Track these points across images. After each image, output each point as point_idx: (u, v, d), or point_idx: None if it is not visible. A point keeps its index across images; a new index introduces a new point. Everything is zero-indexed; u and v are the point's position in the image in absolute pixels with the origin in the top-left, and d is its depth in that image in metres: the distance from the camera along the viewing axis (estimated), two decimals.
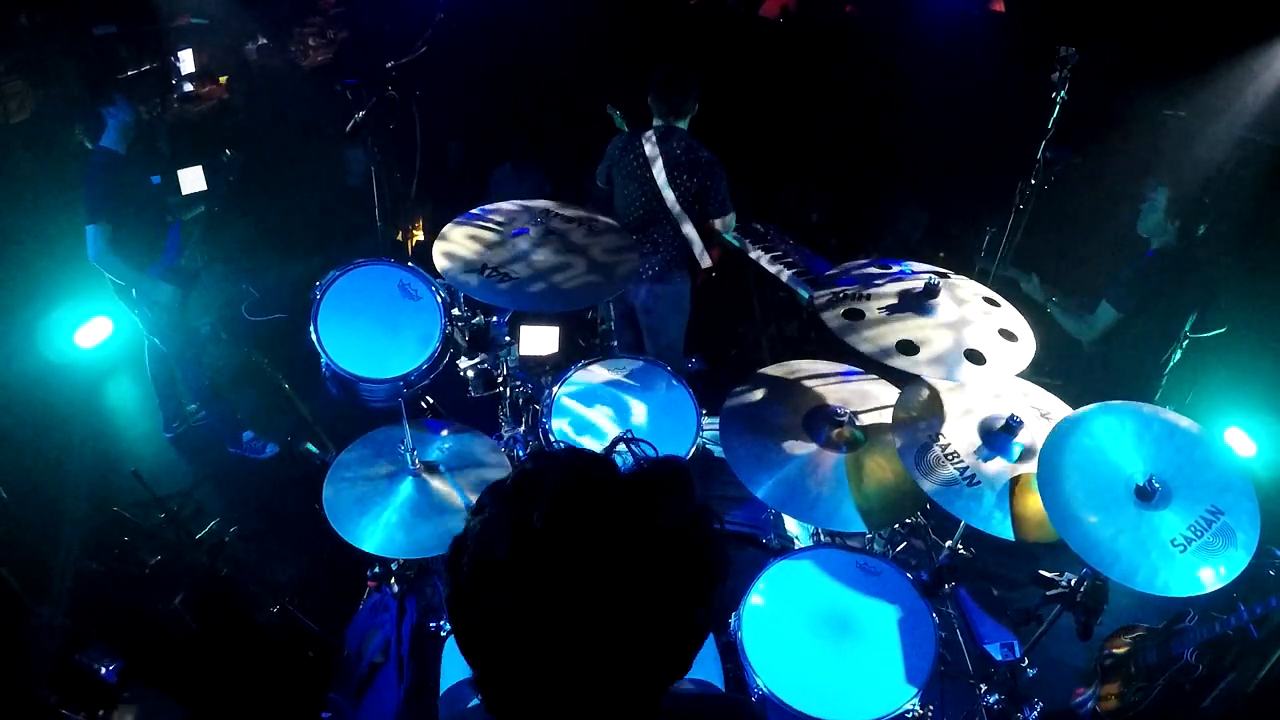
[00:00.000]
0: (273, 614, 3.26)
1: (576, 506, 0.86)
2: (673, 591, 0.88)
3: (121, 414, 4.72)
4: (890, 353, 2.41)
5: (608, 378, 3.19)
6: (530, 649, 0.85)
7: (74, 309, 4.38)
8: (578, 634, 0.84)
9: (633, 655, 0.87)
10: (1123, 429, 2.31)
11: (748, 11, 6.83)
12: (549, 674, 0.86)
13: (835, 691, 2.30)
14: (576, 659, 0.85)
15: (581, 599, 0.83)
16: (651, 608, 0.86)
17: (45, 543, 3.25)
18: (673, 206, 3.88)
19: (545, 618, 0.84)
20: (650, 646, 0.88)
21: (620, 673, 0.87)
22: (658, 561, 0.87)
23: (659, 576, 0.87)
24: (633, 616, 0.85)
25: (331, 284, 3.07)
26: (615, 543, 0.85)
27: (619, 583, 0.84)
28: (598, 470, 0.91)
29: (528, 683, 0.87)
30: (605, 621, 0.84)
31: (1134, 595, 2.19)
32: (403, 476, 2.78)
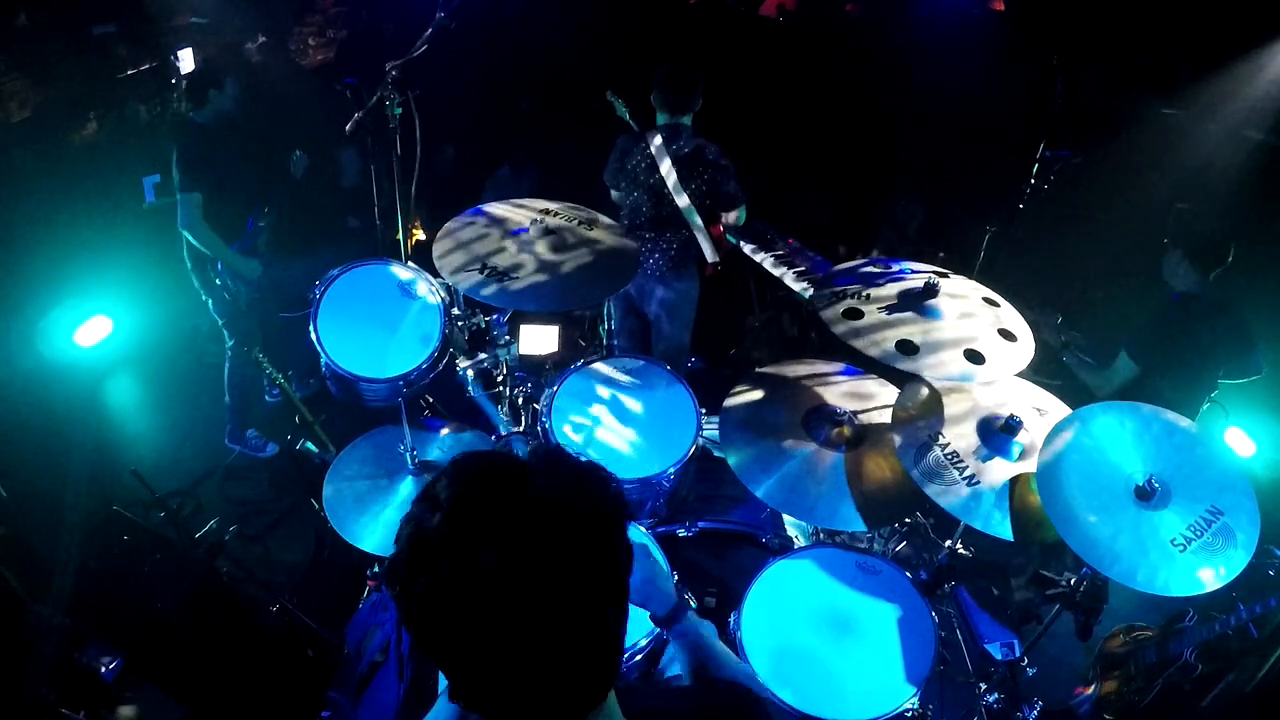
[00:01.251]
0: (272, 613, 3.26)
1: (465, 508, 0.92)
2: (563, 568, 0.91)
3: (121, 413, 4.72)
4: (890, 352, 2.41)
5: (607, 377, 3.19)
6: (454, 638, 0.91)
7: (74, 308, 4.38)
8: (493, 626, 0.89)
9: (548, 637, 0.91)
10: (1122, 429, 2.32)
11: (748, 11, 6.84)
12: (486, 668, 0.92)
13: (835, 691, 2.30)
14: (494, 652, 0.90)
15: (490, 592, 0.88)
16: (550, 587, 0.90)
17: (45, 541, 3.25)
18: (683, 205, 3.89)
19: (468, 616, 0.89)
20: (562, 624, 0.91)
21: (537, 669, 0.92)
22: (542, 533, 0.91)
23: (549, 551, 0.91)
24: (539, 598, 0.89)
25: (331, 284, 3.07)
26: (495, 528, 0.90)
27: (519, 568, 0.89)
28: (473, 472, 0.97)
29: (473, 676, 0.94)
30: (517, 609, 0.89)
31: (1133, 595, 2.19)
32: (402, 476, 2.78)
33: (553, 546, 0.90)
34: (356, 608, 3.14)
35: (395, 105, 3.43)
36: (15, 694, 2.72)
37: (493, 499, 0.92)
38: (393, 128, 3.48)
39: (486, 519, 0.91)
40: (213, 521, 3.84)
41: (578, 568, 0.92)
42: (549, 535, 0.91)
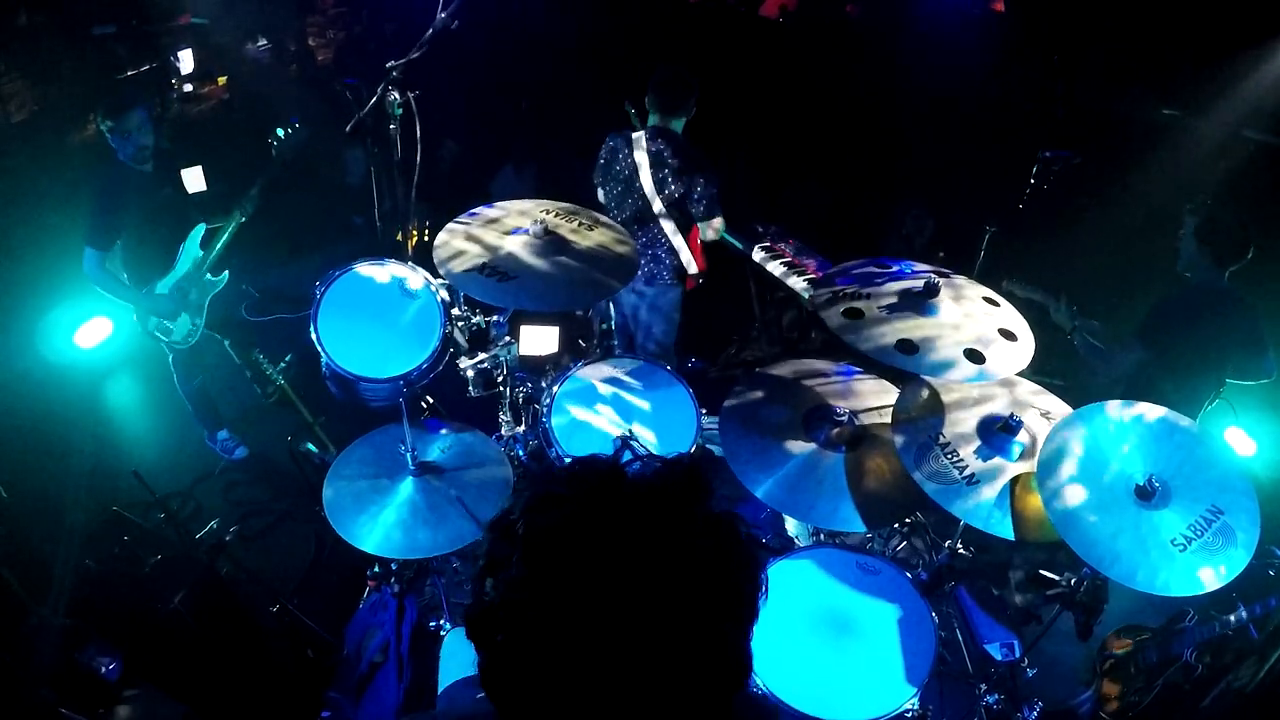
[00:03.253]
0: (272, 613, 3.26)
1: (597, 554, 0.83)
2: (717, 618, 0.86)
3: (121, 414, 4.72)
4: (890, 352, 2.41)
5: (608, 377, 3.19)
6: (574, 703, 0.83)
7: (74, 309, 4.38)
8: (623, 679, 0.82)
9: (680, 687, 0.84)
10: (1123, 428, 2.32)
11: (748, 11, 6.84)
12: (575, 698, 0.84)
13: (835, 691, 2.30)
14: (625, 701, 0.83)
15: (625, 644, 0.81)
16: (692, 633, 0.84)
17: (45, 542, 3.24)
18: (658, 209, 3.85)
19: (589, 672, 0.82)
20: (697, 673, 0.85)
21: (670, 705, 0.85)
22: (693, 586, 0.84)
23: (701, 606, 0.85)
24: (678, 646, 0.83)
25: (331, 284, 3.07)
26: (653, 582, 0.83)
27: (658, 618, 0.82)
28: (610, 501, 0.88)
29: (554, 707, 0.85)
30: (651, 660, 0.82)
31: (1134, 595, 2.19)
32: (402, 476, 2.78)
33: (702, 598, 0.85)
34: (356, 608, 3.15)
35: (396, 105, 3.44)
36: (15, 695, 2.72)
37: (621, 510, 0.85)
38: (393, 128, 3.49)
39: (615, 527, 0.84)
40: (213, 522, 3.83)
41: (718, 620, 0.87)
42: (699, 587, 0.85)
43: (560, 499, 0.88)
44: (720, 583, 0.86)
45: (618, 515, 0.85)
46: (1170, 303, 3.32)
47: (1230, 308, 3.23)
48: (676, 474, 0.90)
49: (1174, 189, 3.68)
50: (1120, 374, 3.35)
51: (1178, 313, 3.28)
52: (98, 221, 3.59)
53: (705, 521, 0.88)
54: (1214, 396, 3.41)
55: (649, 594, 0.82)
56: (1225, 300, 3.23)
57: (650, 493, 0.88)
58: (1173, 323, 3.27)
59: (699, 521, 0.87)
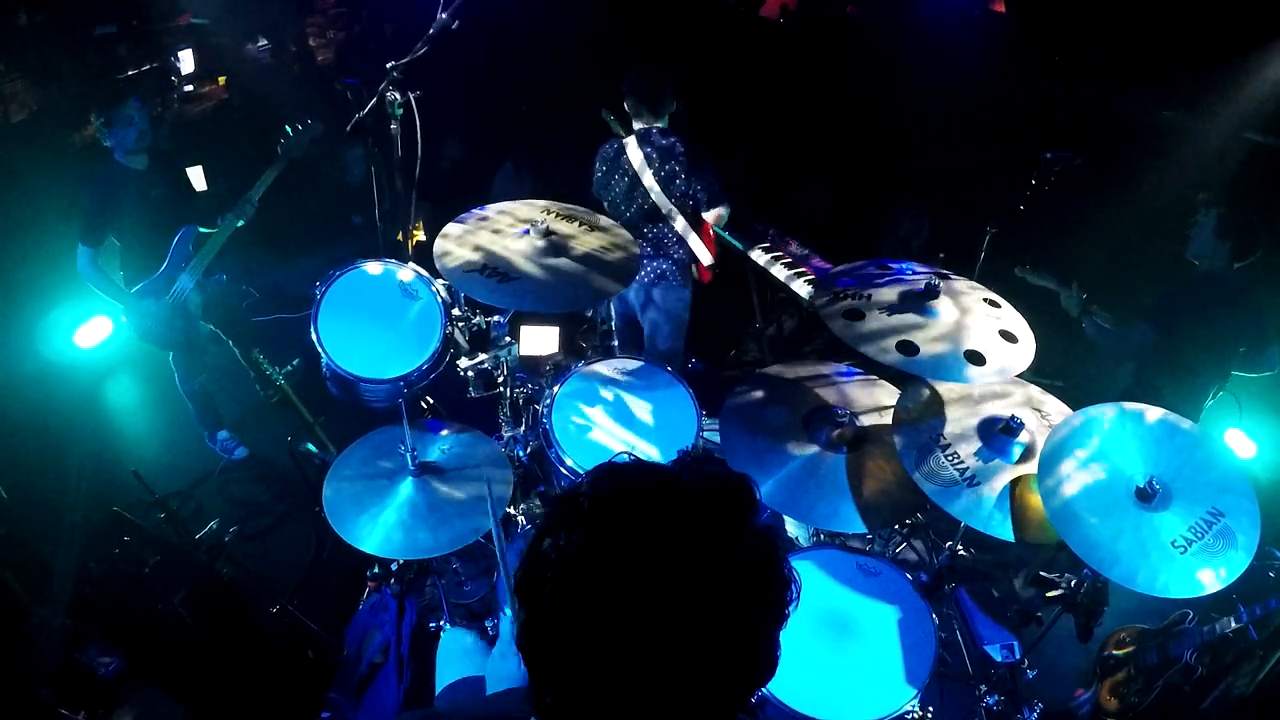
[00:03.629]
0: (272, 614, 3.26)
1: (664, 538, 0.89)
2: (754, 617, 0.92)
3: (121, 414, 4.72)
4: (890, 353, 2.41)
5: (608, 377, 3.19)
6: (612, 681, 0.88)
7: (73, 308, 4.38)
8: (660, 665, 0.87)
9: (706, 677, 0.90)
10: (1124, 430, 2.32)
11: (748, 11, 6.84)
12: (624, 695, 0.89)
13: (835, 692, 2.30)
14: (657, 691, 0.88)
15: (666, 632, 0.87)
16: (733, 636, 0.90)
17: (45, 542, 3.24)
18: (665, 208, 3.85)
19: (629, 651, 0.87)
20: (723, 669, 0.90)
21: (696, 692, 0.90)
22: (740, 589, 0.91)
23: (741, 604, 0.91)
24: (709, 639, 0.88)
25: (332, 284, 3.07)
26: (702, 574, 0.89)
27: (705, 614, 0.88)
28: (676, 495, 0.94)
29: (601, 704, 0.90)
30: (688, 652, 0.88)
31: (1134, 596, 2.19)
32: (402, 477, 2.78)
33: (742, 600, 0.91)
34: (356, 609, 3.14)
35: (396, 105, 3.43)
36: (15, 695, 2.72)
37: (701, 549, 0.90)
38: (394, 128, 3.48)
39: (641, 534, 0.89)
40: (213, 522, 3.83)
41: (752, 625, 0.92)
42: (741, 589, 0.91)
43: (629, 479, 0.95)
44: (758, 584, 0.93)
45: (678, 505, 0.92)
46: (1179, 288, 3.38)
47: (1237, 298, 3.29)
48: (732, 483, 0.98)
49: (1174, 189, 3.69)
50: (1128, 354, 3.45)
51: (1186, 298, 3.35)
52: (89, 219, 3.62)
53: (752, 528, 0.96)
54: (1219, 389, 3.46)
55: (694, 582, 0.88)
56: (1233, 290, 3.29)
57: (708, 492, 0.95)
58: (1181, 307, 3.34)
59: (747, 527, 0.95)
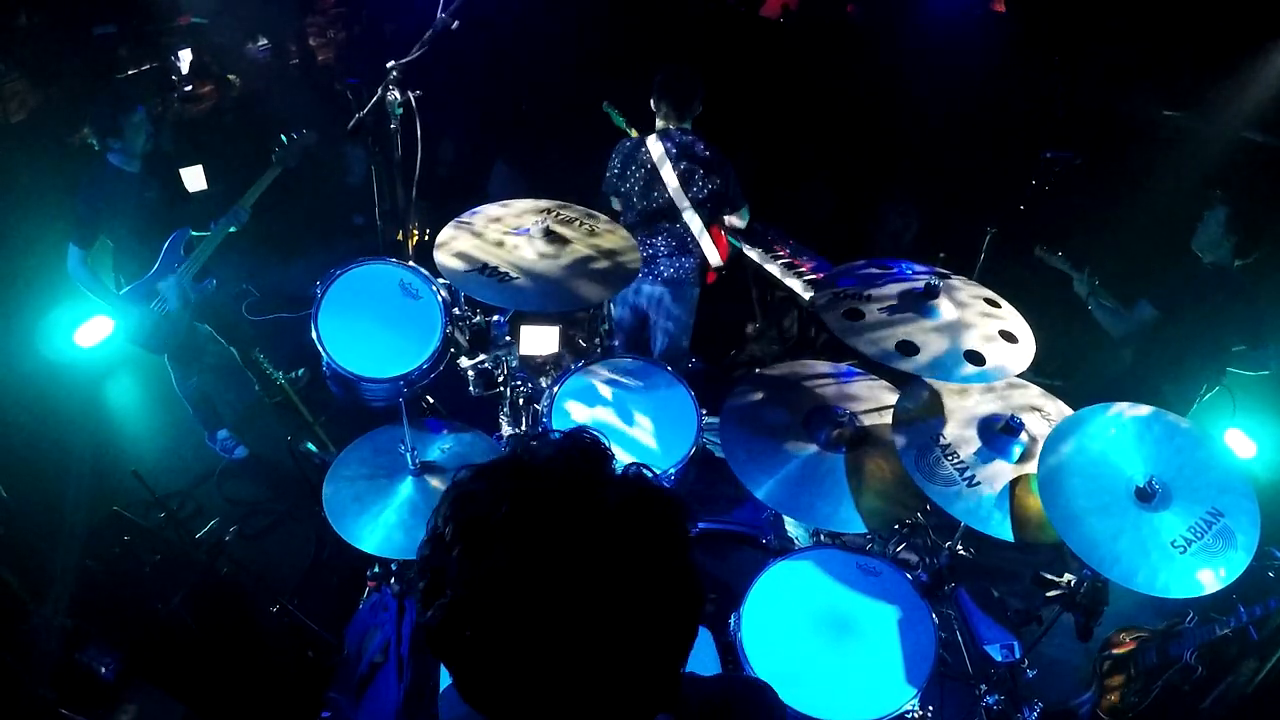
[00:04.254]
0: (272, 613, 3.26)
1: (522, 524, 0.86)
2: (650, 560, 0.89)
3: (121, 413, 4.72)
4: (890, 353, 2.41)
5: (608, 378, 3.19)
6: (512, 674, 0.86)
7: (73, 308, 4.38)
8: (559, 644, 0.84)
9: (621, 648, 0.87)
10: (1123, 430, 2.32)
11: (748, 11, 6.84)
12: (535, 689, 0.87)
13: (835, 692, 2.30)
14: (564, 667, 0.85)
15: (554, 611, 0.84)
16: (627, 591, 0.86)
17: (45, 542, 3.25)
18: (686, 210, 3.89)
19: (521, 642, 0.84)
20: (639, 633, 0.87)
21: (613, 668, 0.87)
22: (621, 542, 0.87)
23: (629, 555, 0.87)
24: (612, 607, 0.85)
25: (332, 283, 3.07)
26: (573, 544, 0.85)
27: (591, 582, 0.85)
28: (521, 480, 0.90)
29: (513, 702, 0.88)
30: (584, 622, 0.84)
31: (1134, 596, 2.19)
32: (402, 476, 2.77)
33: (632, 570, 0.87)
34: (356, 608, 3.14)
35: (396, 105, 3.43)
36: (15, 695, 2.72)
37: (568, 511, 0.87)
38: (394, 128, 3.48)
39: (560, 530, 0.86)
40: (213, 522, 3.83)
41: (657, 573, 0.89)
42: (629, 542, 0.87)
43: (475, 496, 0.91)
44: (646, 533, 0.89)
45: (530, 496, 0.88)
46: (1182, 275, 3.48)
47: (1237, 294, 3.38)
48: (576, 445, 0.93)
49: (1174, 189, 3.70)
50: (1130, 331, 3.58)
51: (1187, 284, 3.45)
52: (81, 219, 3.62)
53: (616, 481, 0.91)
54: (1212, 385, 3.55)
55: (570, 562, 0.84)
56: (1234, 286, 3.38)
57: (556, 468, 0.91)
58: (1181, 291, 3.44)
59: (608, 484, 0.90)
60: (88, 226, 3.63)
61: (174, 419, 4.48)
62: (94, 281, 3.72)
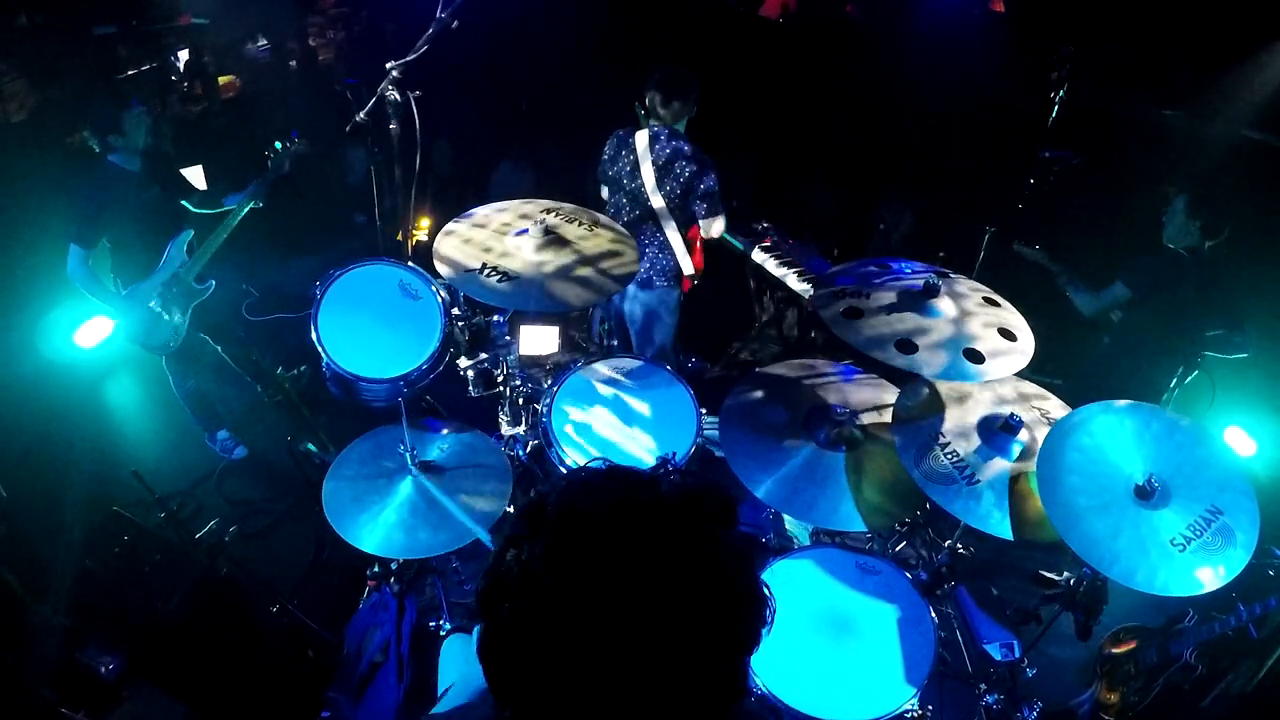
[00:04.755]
0: (272, 613, 3.26)
1: (630, 554, 0.85)
2: (721, 640, 0.87)
3: (121, 413, 4.72)
4: (890, 352, 2.41)
5: (607, 377, 3.19)
6: (566, 691, 0.84)
7: (73, 308, 4.38)
8: (621, 678, 0.83)
9: (673, 700, 0.85)
10: (1122, 428, 2.32)
11: (748, 11, 6.85)
12: (582, 714, 0.85)
13: (834, 691, 2.30)
14: (617, 703, 0.84)
15: (629, 643, 0.83)
16: (698, 651, 0.85)
17: (45, 541, 3.25)
18: (659, 209, 3.84)
19: (588, 662, 0.83)
20: (692, 691, 0.86)
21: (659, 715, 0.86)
22: (708, 610, 0.86)
23: (708, 626, 0.86)
24: (678, 660, 0.84)
25: (332, 283, 3.07)
26: (667, 587, 0.84)
27: (669, 627, 0.83)
28: (647, 508, 0.89)
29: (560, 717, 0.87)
30: (650, 665, 0.83)
31: (1133, 595, 2.19)
32: (402, 476, 2.78)
33: (709, 609, 0.86)
34: (356, 608, 3.14)
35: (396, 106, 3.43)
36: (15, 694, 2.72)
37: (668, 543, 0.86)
38: (393, 127, 3.48)
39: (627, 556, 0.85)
40: (213, 522, 3.83)
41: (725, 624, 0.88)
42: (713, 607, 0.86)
43: (597, 490, 0.90)
44: (729, 604, 0.88)
45: (647, 518, 0.87)
46: (1155, 257, 3.58)
47: (1211, 276, 3.46)
48: (706, 494, 0.93)
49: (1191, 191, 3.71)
50: (1101, 309, 3.69)
51: (1160, 267, 3.54)
52: (83, 219, 3.60)
53: (726, 543, 0.90)
54: (1190, 367, 3.60)
55: (660, 601, 0.83)
56: (1208, 269, 3.46)
57: (681, 504, 0.90)
58: (1153, 272, 3.54)
59: (721, 542, 0.90)
60: (90, 226, 3.61)
61: (174, 419, 4.48)
62: (94, 282, 3.71)
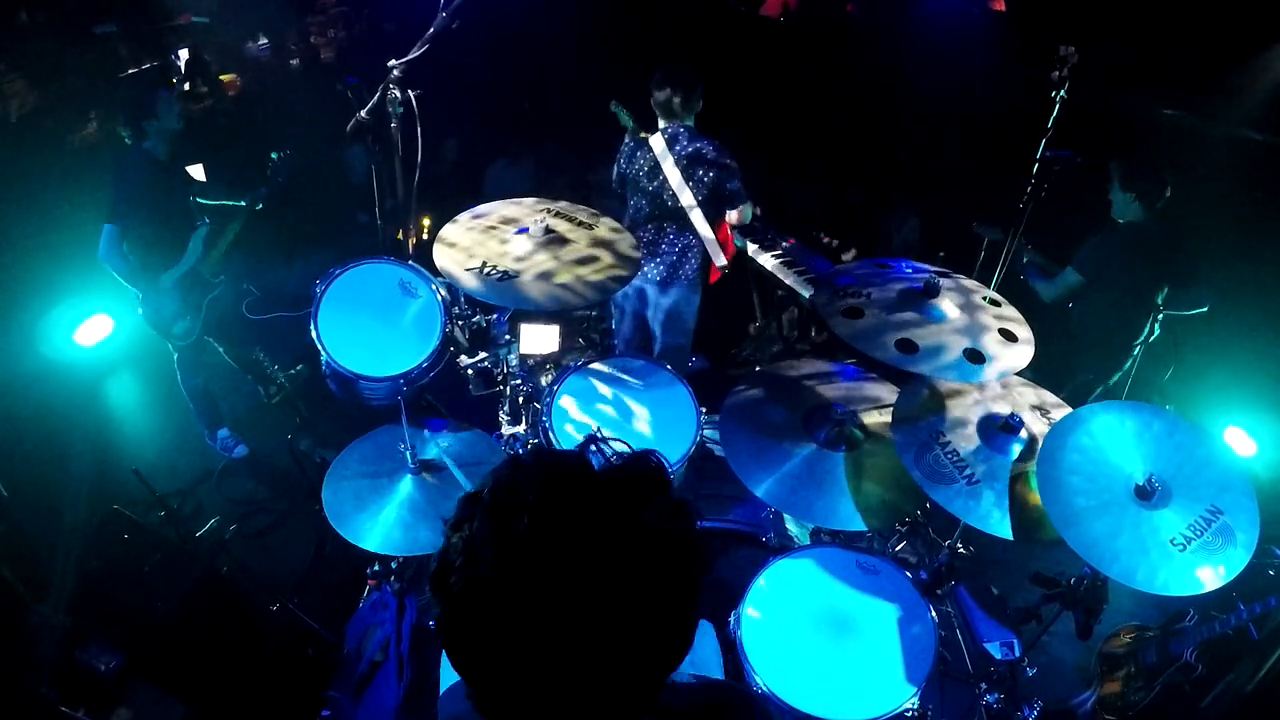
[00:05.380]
0: (272, 612, 3.26)
1: (559, 515, 0.87)
2: (661, 590, 0.90)
3: (122, 413, 4.72)
4: (889, 351, 2.41)
5: (608, 376, 3.19)
6: (523, 659, 0.86)
7: (74, 307, 4.39)
8: (570, 641, 0.85)
9: (624, 658, 0.88)
10: (1122, 428, 2.32)
11: (748, 10, 6.85)
12: (543, 681, 0.87)
13: (835, 690, 2.30)
14: (570, 665, 0.86)
15: (573, 607, 0.84)
16: (641, 608, 0.88)
17: (45, 540, 3.25)
18: (689, 206, 3.88)
19: (537, 628, 0.85)
20: (641, 647, 0.89)
21: (613, 675, 0.89)
22: (644, 561, 0.88)
23: (646, 576, 0.88)
24: (623, 619, 0.86)
25: (332, 282, 3.07)
26: (602, 547, 0.87)
27: (608, 587, 0.86)
28: (576, 474, 0.93)
29: (521, 690, 0.89)
30: (597, 626, 0.85)
31: (1134, 595, 2.19)
32: (402, 475, 2.78)
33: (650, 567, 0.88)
34: (356, 607, 3.15)
35: (397, 104, 3.43)
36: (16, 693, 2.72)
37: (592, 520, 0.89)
38: (394, 127, 3.48)
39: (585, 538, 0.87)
40: (213, 521, 3.83)
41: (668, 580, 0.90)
42: (643, 558, 0.88)
43: (525, 466, 0.93)
44: (664, 560, 0.90)
45: (575, 486, 0.90)
46: (1104, 238, 3.81)
47: (1160, 243, 3.72)
48: (635, 459, 0.96)
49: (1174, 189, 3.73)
50: (1058, 296, 3.91)
51: (1109, 247, 3.78)
52: (118, 200, 3.64)
53: (658, 502, 0.92)
54: (1152, 325, 3.82)
55: (594, 561, 0.86)
56: (1156, 237, 3.72)
57: (612, 471, 0.94)
58: (1102, 253, 3.78)
59: (652, 501, 0.92)
60: (126, 206, 3.65)
61: (174, 418, 4.49)
62: (125, 264, 3.73)
